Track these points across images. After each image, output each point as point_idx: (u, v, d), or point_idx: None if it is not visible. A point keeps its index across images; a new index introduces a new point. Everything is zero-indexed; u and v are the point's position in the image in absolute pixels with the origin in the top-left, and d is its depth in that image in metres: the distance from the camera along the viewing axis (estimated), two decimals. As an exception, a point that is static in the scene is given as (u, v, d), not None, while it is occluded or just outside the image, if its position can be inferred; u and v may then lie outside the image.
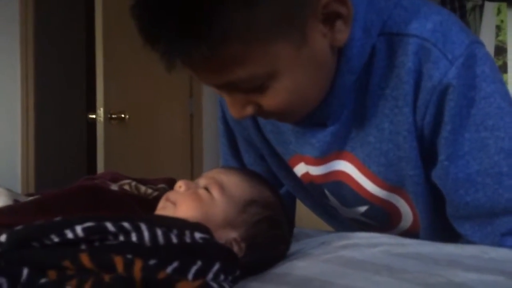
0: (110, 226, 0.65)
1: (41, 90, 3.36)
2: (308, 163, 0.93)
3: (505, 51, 2.82)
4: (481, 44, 0.81)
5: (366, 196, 0.91)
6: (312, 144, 0.90)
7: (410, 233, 0.94)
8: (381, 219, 0.95)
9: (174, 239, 0.68)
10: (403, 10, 0.82)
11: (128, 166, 2.65)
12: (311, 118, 0.86)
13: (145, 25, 0.71)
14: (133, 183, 0.98)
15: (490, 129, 0.79)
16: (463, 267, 0.68)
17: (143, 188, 0.97)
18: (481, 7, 2.87)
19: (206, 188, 0.81)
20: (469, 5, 2.88)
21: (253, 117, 0.98)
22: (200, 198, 0.80)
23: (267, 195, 0.84)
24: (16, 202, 0.94)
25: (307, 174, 0.96)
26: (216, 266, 0.67)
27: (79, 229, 0.64)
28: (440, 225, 0.89)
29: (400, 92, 0.81)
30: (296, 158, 0.96)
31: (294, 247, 0.86)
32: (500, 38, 2.84)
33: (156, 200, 0.85)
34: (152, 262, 0.63)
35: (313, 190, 1.00)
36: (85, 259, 0.60)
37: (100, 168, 2.62)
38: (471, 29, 2.79)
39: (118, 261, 0.60)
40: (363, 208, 0.94)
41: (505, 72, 2.79)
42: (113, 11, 2.58)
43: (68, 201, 0.88)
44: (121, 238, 0.66)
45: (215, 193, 0.81)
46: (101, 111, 2.64)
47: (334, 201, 0.98)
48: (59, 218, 0.67)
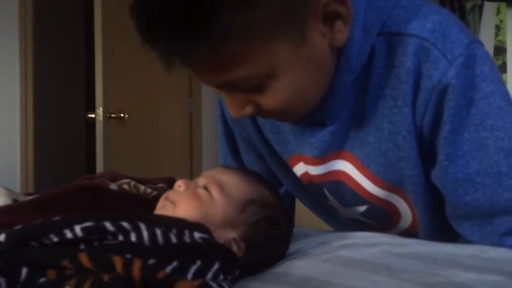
0: (109, 225, 0.65)
1: (40, 89, 3.35)
2: (307, 162, 0.93)
3: (505, 51, 2.82)
4: (480, 44, 0.81)
5: (365, 195, 0.91)
6: (311, 144, 0.90)
7: (409, 233, 0.94)
8: (380, 219, 0.95)
9: (174, 239, 0.68)
10: (402, 10, 0.82)
11: (127, 165, 2.65)
12: (310, 117, 0.85)
13: (144, 25, 0.71)
14: (132, 183, 0.98)
15: (490, 129, 0.79)
16: (463, 266, 0.68)
17: (142, 188, 0.97)
18: (481, 7, 2.87)
19: (205, 188, 0.81)
20: (469, 5, 2.88)
21: (252, 117, 0.98)
22: (199, 198, 0.80)
23: (266, 195, 0.84)
24: (15, 201, 0.94)
25: (306, 173, 0.96)
26: (215, 266, 0.67)
27: (78, 228, 0.64)
28: (439, 225, 0.89)
29: (400, 92, 0.81)
30: (295, 158, 0.96)
31: (293, 247, 0.86)
32: (499, 38, 2.84)
33: (155, 199, 0.85)
34: (151, 261, 0.63)
35: (312, 190, 1.00)
36: (84, 258, 0.60)
37: (99, 168, 2.62)
38: (471, 29, 2.79)
39: (117, 261, 0.60)
40: (362, 208, 0.94)
41: (505, 72, 2.79)
42: (112, 10, 2.58)
43: (67, 200, 0.88)
44: (120, 237, 0.66)
45: (215, 192, 0.81)
46: (100, 111, 2.63)
47: (333, 200, 0.98)
48: (58, 218, 0.67)
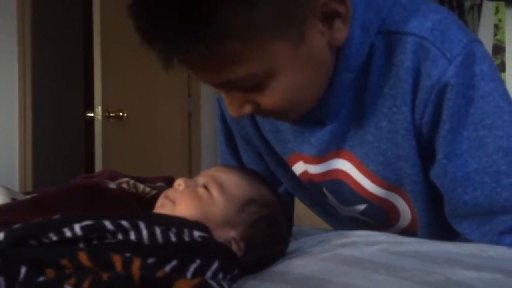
0: (108, 224, 0.65)
1: (39, 88, 3.35)
2: (306, 161, 0.93)
3: (503, 50, 2.82)
4: (479, 42, 0.81)
5: (364, 194, 0.91)
6: (310, 143, 0.90)
7: (409, 232, 0.94)
8: (380, 218, 0.95)
9: (173, 238, 0.68)
10: (401, 8, 0.82)
11: (126, 164, 2.65)
12: (309, 116, 0.85)
13: (143, 24, 0.71)
14: (131, 182, 0.98)
15: (489, 128, 0.79)
16: (462, 265, 0.68)
17: (141, 187, 0.97)
18: (479, 6, 2.87)
19: (205, 187, 0.81)
20: (467, 4, 2.88)
21: (251, 116, 0.98)
22: (199, 197, 0.80)
23: (265, 194, 0.84)
24: (14, 200, 0.93)
25: (305, 172, 0.96)
26: (214, 265, 0.67)
27: (77, 227, 0.64)
28: (438, 224, 0.89)
29: (399, 90, 0.81)
30: (295, 157, 0.96)
31: (292, 246, 0.86)
32: (498, 37, 2.84)
33: (155, 198, 0.85)
34: (151, 260, 0.63)
35: (311, 189, 1.00)
36: (83, 257, 0.60)
37: (98, 167, 2.62)
38: (469, 28, 2.79)
39: (117, 260, 0.60)
40: (362, 207, 0.94)
41: (503, 71, 2.79)
42: (111, 9, 2.58)
43: (66, 199, 0.88)
44: (120, 236, 0.66)
45: (215, 192, 0.80)
46: (99, 110, 2.63)
47: (332, 199, 0.98)
48: (57, 217, 0.67)
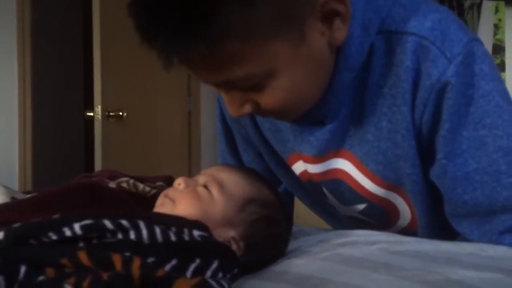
0: (108, 223, 0.65)
1: (38, 87, 3.35)
2: (306, 161, 0.93)
3: (503, 49, 2.82)
4: (479, 42, 0.81)
5: (364, 194, 0.91)
6: (310, 142, 0.90)
7: (408, 231, 0.94)
8: (379, 217, 0.95)
9: (173, 237, 0.68)
10: (401, 8, 0.82)
11: (126, 163, 2.65)
12: (309, 116, 0.85)
13: (143, 23, 0.71)
14: (131, 181, 0.98)
15: (488, 127, 0.79)
16: (462, 264, 0.68)
17: (141, 186, 0.97)
18: (479, 6, 2.87)
19: (205, 186, 0.81)
20: (467, 3, 2.88)
21: (251, 115, 0.98)
22: (199, 196, 0.80)
23: (265, 194, 0.84)
24: (14, 199, 0.93)
25: (305, 172, 0.96)
26: (214, 264, 0.67)
27: (77, 226, 0.64)
28: (438, 224, 0.89)
29: (399, 90, 0.81)
30: (295, 156, 0.96)
31: (292, 245, 0.86)
32: (498, 36, 2.84)
33: (154, 198, 0.85)
34: (151, 260, 0.63)
35: (311, 188, 1.00)
36: (83, 256, 0.60)
37: (98, 166, 2.62)
38: (469, 28, 2.79)
39: (116, 259, 0.60)
40: (361, 206, 0.94)
41: (503, 70, 2.79)
42: (110, 9, 2.58)
43: (66, 198, 0.88)
44: (120, 236, 0.66)
45: (215, 191, 0.80)
46: (98, 109, 2.63)
47: (332, 199, 0.98)
48: (57, 216, 0.67)
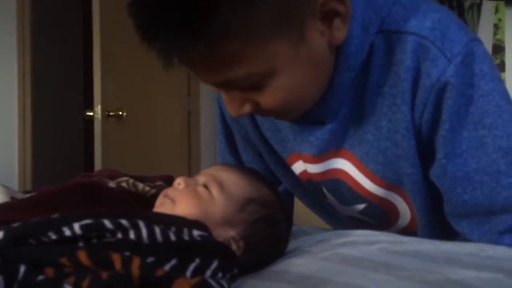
0: (108, 223, 0.65)
1: (38, 87, 3.35)
2: (306, 161, 0.93)
3: (503, 49, 2.82)
4: (479, 42, 0.81)
5: (364, 194, 0.91)
6: (310, 142, 0.90)
7: (408, 231, 0.94)
8: (379, 217, 0.95)
9: (172, 237, 0.68)
10: (401, 7, 0.82)
11: (125, 163, 2.64)
12: (309, 116, 0.85)
13: (142, 23, 0.71)
14: (131, 181, 0.98)
15: (488, 127, 0.79)
16: (461, 264, 0.68)
17: (140, 186, 0.97)
18: (479, 6, 2.87)
19: (205, 186, 0.81)
20: (467, 3, 2.88)
21: (251, 115, 0.98)
22: (199, 196, 0.80)
23: (265, 193, 0.84)
24: (13, 199, 0.93)
25: (305, 172, 0.96)
26: (214, 264, 0.67)
27: (76, 226, 0.64)
28: (438, 223, 0.89)
29: (399, 90, 0.81)
30: (294, 156, 0.96)
31: (292, 245, 0.86)
32: (498, 36, 2.84)
33: (154, 197, 0.85)
34: (150, 259, 0.63)
35: (311, 188, 1.00)
36: (82, 256, 0.60)
37: (98, 166, 2.62)
38: (469, 28, 2.79)
39: (116, 259, 0.60)
40: (361, 206, 0.94)
41: (503, 70, 2.80)
42: (110, 8, 2.58)
43: (66, 198, 0.88)
44: (119, 235, 0.66)
45: (214, 191, 0.80)
46: (98, 108, 2.63)
47: (332, 199, 0.98)
48: (56, 215, 0.67)
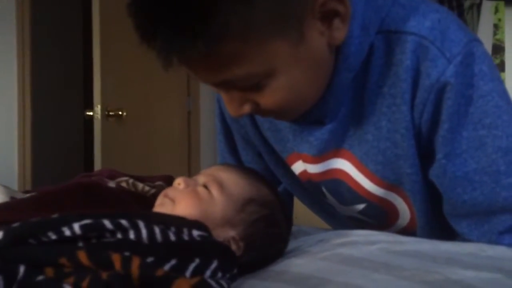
0: (107, 223, 0.65)
1: (38, 87, 3.35)
2: (306, 161, 0.93)
3: (503, 49, 2.82)
4: (479, 42, 0.81)
5: (363, 194, 0.91)
6: (309, 142, 0.90)
7: (408, 231, 0.94)
8: (379, 217, 0.95)
9: (172, 237, 0.68)
10: (401, 7, 0.82)
11: (125, 163, 2.65)
12: (308, 116, 0.85)
13: (142, 23, 0.71)
14: (131, 181, 0.98)
15: (488, 128, 0.79)
16: (461, 264, 0.68)
17: (140, 186, 0.96)
18: (479, 6, 2.87)
19: (205, 186, 0.81)
20: (467, 3, 2.88)
21: (250, 115, 0.98)
22: (199, 196, 0.79)
23: (265, 193, 0.84)
24: (13, 199, 0.93)
25: (305, 172, 0.96)
26: (214, 264, 0.67)
27: (76, 226, 0.64)
28: (437, 224, 0.89)
29: (398, 90, 0.81)
30: (294, 156, 0.96)
31: (292, 245, 0.86)
32: (497, 36, 2.84)
33: (154, 197, 0.85)
34: (150, 259, 0.63)
35: (310, 188, 1.00)
36: (82, 256, 0.60)
37: (97, 165, 2.62)
38: (469, 28, 2.79)
39: (116, 259, 0.60)
40: (361, 206, 0.94)
41: (503, 70, 2.80)
42: (110, 8, 2.58)
43: (65, 198, 0.88)
44: (119, 235, 0.65)
45: (214, 191, 0.80)
46: (98, 108, 2.63)
47: (331, 199, 0.98)
48: (56, 215, 0.67)
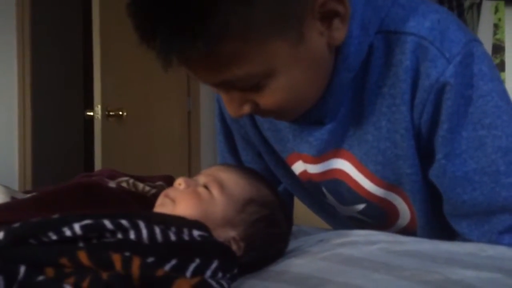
0: (108, 223, 0.65)
1: (38, 87, 3.35)
2: (306, 161, 0.93)
3: (503, 49, 2.82)
4: (478, 42, 0.81)
5: (363, 194, 0.91)
6: (309, 142, 0.90)
7: (408, 231, 0.94)
8: (379, 217, 0.95)
9: (172, 237, 0.68)
10: (400, 8, 0.82)
11: (125, 163, 2.65)
12: (308, 116, 0.85)
13: (141, 23, 0.71)
14: (131, 181, 0.98)
15: (487, 128, 0.79)
16: (461, 264, 0.68)
17: (141, 186, 0.97)
18: (479, 6, 2.87)
19: (205, 186, 0.81)
20: (467, 3, 2.88)
21: (250, 115, 0.98)
22: (199, 196, 0.80)
23: (265, 194, 0.84)
24: (14, 199, 0.93)
25: (305, 172, 0.96)
26: (214, 264, 0.67)
27: (77, 226, 0.64)
28: (437, 224, 0.90)
29: (398, 90, 0.81)
30: (294, 156, 0.96)
31: (292, 245, 0.86)
32: (497, 36, 2.84)
33: (154, 197, 0.85)
34: (150, 259, 0.63)
35: (310, 188, 1.00)
36: (83, 256, 0.60)
37: (98, 165, 2.62)
38: (469, 27, 2.79)
39: (116, 259, 0.60)
40: (361, 206, 0.94)
41: (503, 70, 2.80)
42: (110, 8, 2.57)
43: (66, 198, 0.88)
44: (119, 235, 0.66)
45: (215, 191, 0.80)
46: (98, 108, 2.63)
47: (331, 199, 0.98)
48: (56, 216, 0.67)
